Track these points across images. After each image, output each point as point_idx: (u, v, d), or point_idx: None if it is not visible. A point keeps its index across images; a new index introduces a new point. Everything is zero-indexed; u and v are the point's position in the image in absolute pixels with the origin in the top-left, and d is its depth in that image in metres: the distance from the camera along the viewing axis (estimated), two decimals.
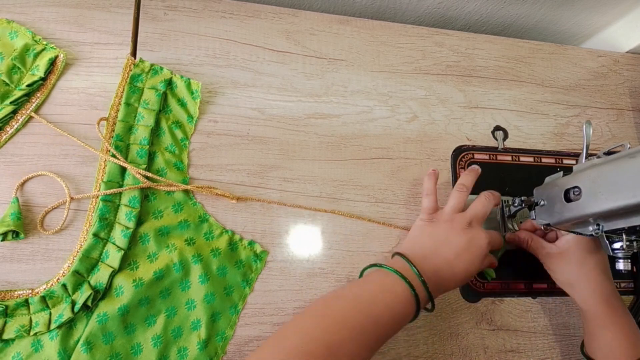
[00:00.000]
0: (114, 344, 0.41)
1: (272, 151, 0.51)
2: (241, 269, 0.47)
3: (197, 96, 0.49)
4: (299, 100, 0.54)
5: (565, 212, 0.44)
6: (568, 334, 0.54)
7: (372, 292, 0.40)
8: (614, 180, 0.39)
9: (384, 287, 0.41)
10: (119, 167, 0.45)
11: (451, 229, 0.45)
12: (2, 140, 0.45)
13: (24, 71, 0.46)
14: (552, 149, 0.60)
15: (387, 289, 0.41)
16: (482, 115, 0.59)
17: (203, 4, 0.54)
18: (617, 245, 0.43)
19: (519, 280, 0.54)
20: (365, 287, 0.41)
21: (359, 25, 0.59)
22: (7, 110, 0.44)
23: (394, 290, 0.40)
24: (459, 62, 0.61)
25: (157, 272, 0.43)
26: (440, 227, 0.46)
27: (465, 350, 0.50)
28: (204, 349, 0.43)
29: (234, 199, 0.48)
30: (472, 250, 0.44)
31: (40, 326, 0.40)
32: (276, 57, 0.55)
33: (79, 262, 0.42)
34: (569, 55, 0.66)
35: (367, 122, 0.55)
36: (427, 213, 0.48)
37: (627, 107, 0.65)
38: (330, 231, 0.51)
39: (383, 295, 0.40)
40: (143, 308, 0.43)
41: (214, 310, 0.44)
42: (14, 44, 0.47)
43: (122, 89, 0.48)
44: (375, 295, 0.40)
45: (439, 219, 0.47)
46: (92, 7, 0.51)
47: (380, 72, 0.58)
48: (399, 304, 0.40)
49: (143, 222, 0.45)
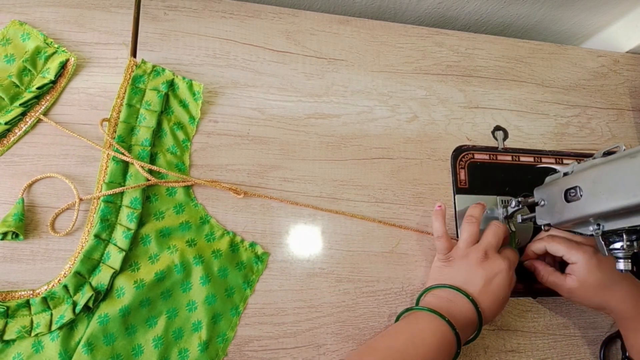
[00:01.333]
0: (115, 345, 0.41)
1: (272, 151, 0.51)
2: (242, 270, 0.47)
3: (199, 97, 0.49)
4: (299, 100, 0.54)
5: (565, 212, 0.44)
6: (568, 334, 0.54)
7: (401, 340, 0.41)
8: (614, 180, 0.39)
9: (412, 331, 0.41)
10: (121, 168, 0.45)
11: (468, 265, 0.45)
12: (11, 141, 0.45)
13: (34, 74, 0.46)
14: (552, 149, 0.60)
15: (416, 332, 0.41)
16: (482, 115, 0.59)
17: (203, 4, 0.54)
18: (617, 245, 0.43)
19: (519, 281, 0.54)
20: (396, 336, 0.41)
21: (359, 25, 0.59)
22: (17, 112, 0.44)
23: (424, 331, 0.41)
24: (459, 62, 0.61)
25: (158, 273, 0.43)
26: (458, 266, 0.46)
27: (465, 350, 0.50)
28: (205, 350, 0.43)
29: (241, 193, 0.48)
30: (496, 282, 0.45)
31: (42, 327, 0.40)
32: (276, 57, 0.55)
33: (80, 263, 0.42)
34: (569, 55, 0.66)
35: (367, 122, 0.55)
36: (443, 254, 0.48)
37: (627, 107, 0.65)
38: (330, 231, 0.51)
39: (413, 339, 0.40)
40: (144, 309, 0.43)
41: (215, 311, 0.45)
42: (26, 46, 0.47)
43: (124, 90, 0.48)
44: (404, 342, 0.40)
45: (455, 256, 0.47)
46: (92, 7, 0.51)
47: (380, 72, 0.58)
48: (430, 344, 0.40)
49: (144, 224, 0.45)
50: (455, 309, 0.43)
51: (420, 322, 0.42)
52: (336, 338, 0.47)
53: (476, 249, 0.46)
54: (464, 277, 0.45)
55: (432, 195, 0.54)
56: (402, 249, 0.52)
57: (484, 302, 0.44)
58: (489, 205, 0.55)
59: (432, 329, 0.41)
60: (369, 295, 0.49)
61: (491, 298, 0.44)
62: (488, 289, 0.44)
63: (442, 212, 0.50)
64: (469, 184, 0.56)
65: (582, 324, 0.54)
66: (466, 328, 0.42)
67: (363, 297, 0.49)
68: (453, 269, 0.47)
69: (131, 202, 0.45)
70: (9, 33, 0.47)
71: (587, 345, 0.54)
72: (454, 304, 0.43)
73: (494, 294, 0.44)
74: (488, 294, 0.44)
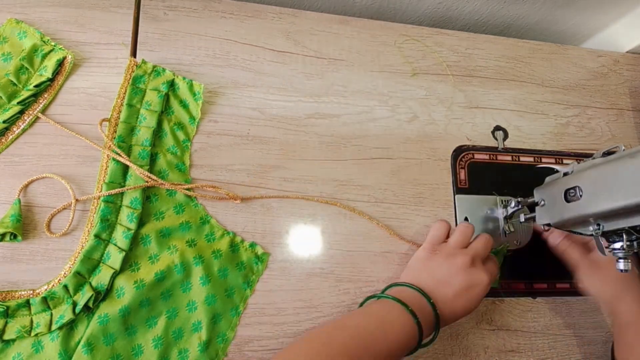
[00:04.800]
0: (114, 345, 0.41)
1: (272, 151, 0.51)
2: (242, 270, 0.47)
3: (199, 98, 0.49)
4: (299, 100, 0.54)
5: (565, 212, 0.44)
6: (568, 334, 0.54)
7: (372, 323, 0.41)
8: (614, 180, 0.39)
9: (384, 317, 0.41)
10: (121, 169, 0.45)
11: (453, 267, 0.45)
12: (9, 140, 0.45)
13: (31, 72, 0.46)
14: (552, 149, 0.60)
15: (387, 319, 0.41)
16: (482, 115, 0.59)
17: (203, 4, 0.54)
18: (617, 245, 0.43)
19: (519, 280, 0.54)
20: (366, 318, 0.41)
21: (359, 25, 0.59)
22: (14, 111, 0.44)
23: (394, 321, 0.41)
24: (459, 62, 0.61)
25: (158, 273, 0.43)
26: (441, 263, 0.46)
27: (465, 350, 0.50)
28: (205, 350, 0.43)
29: (238, 199, 0.48)
30: (472, 292, 0.44)
31: (41, 327, 0.40)
32: (276, 57, 0.55)
33: (80, 263, 0.42)
34: (569, 55, 0.66)
35: (367, 122, 0.55)
36: (431, 243, 0.48)
37: (627, 107, 0.65)
38: (330, 231, 0.51)
39: (384, 326, 0.40)
40: (144, 309, 0.43)
41: (214, 312, 0.44)
42: (23, 44, 0.47)
43: (124, 90, 0.48)
44: (375, 326, 0.40)
45: (442, 252, 0.47)
46: (92, 7, 0.51)
47: (380, 72, 0.58)
48: (398, 335, 0.40)
49: (144, 224, 0.45)
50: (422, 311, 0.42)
51: (392, 311, 0.41)
52: None
53: (464, 253, 0.46)
54: (443, 275, 0.45)
55: (432, 195, 0.54)
56: (402, 249, 0.52)
57: (455, 306, 0.44)
58: (488, 205, 0.55)
59: (401, 322, 0.40)
60: (369, 295, 0.49)
61: (462, 303, 0.44)
62: (463, 296, 0.44)
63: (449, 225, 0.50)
64: (469, 184, 0.56)
65: (582, 324, 0.54)
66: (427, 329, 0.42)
67: (363, 297, 0.49)
68: (435, 263, 0.46)
69: (131, 202, 0.45)
70: (6, 31, 0.47)
71: (587, 345, 0.54)
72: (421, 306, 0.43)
73: (467, 301, 0.44)
74: (461, 300, 0.44)
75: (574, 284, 0.53)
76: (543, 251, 0.55)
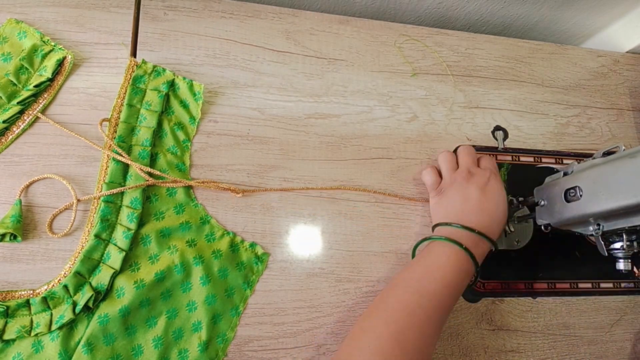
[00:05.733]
0: (114, 345, 0.41)
1: (272, 151, 0.51)
2: (242, 270, 0.47)
3: (200, 98, 0.49)
4: (299, 100, 0.54)
5: (565, 212, 0.44)
6: (568, 334, 0.54)
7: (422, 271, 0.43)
8: (614, 180, 0.39)
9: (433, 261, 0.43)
10: (121, 169, 0.45)
11: (460, 186, 0.48)
12: (9, 140, 0.45)
13: (31, 72, 0.46)
14: (552, 149, 0.60)
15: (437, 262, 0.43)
16: (482, 115, 0.59)
17: (203, 4, 0.54)
18: (617, 245, 0.43)
19: (519, 280, 0.54)
20: (414, 269, 0.44)
21: (359, 25, 0.59)
22: (14, 111, 0.44)
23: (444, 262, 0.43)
24: (459, 62, 0.61)
25: (158, 273, 0.43)
26: (452, 192, 0.49)
27: (465, 350, 0.50)
28: (205, 350, 0.43)
29: (240, 192, 0.48)
30: (490, 188, 0.47)
31: (41, 327, 0.40)
32: (276, 57, 0.55)
33: (81, 263, 0.42)
34: (569, 55, 0.66)
35: (367, 122, 0.55)
36: (433, 188, 0.51)
37: (627, 107, 0.65)
38: (330, 231, 0.51)
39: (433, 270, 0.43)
40: (144, 309, 0.43)
41: (214, 312, 0.44)
42: (23, 44, 0.47)
43: (124, 90, 0.48)
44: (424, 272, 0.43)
45: (445, 186, 0.50)
46: (92, 7, 0.51)
47: (380, 72, 0.58)
48: (450, 273, 0.42)
49: (144, 224, 0.45)
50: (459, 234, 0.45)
51: (433, 250, 0.44)
52: (336, 338, 0.47)
53: (459, 172, 0.49)
54: (461, 198, 0.47)
55: None
56: (402, 249, 0.52)
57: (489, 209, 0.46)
58: None
59: (446, 253, 0.43)
60: (369, 295, 0.49)
61: (493, 203, 0.46)
62: (487, 197, 0.46)
63: None
64: None
65: (582, 324, 0.54)
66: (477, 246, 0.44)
67: (363, 297, 0.49)
68: (448, 196, 0.49)
69: (131, 202, 0.45)
70: (6, 31, 0.47)
71: (587, 345, 0.54)
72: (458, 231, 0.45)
73: (494, 199, 0.46)
74: (489, 201, 0.46)
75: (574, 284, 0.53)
76: (543, 251, 0.55)
